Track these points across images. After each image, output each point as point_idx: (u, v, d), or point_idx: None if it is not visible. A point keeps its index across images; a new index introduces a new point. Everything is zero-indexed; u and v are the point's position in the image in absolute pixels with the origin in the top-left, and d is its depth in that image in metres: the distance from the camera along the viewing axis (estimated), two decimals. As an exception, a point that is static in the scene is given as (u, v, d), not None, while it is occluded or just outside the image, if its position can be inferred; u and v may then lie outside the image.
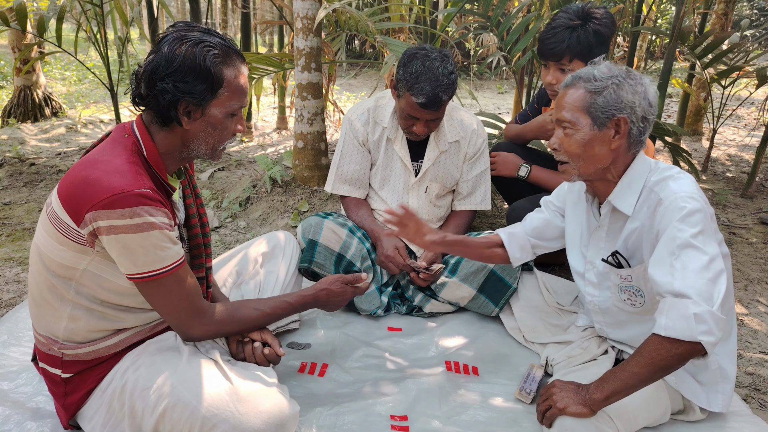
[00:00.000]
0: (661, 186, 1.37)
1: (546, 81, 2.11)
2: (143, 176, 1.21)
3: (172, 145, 1.29)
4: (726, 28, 4.88)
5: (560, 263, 2.59)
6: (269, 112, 6.79)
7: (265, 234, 1.93)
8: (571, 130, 1.39)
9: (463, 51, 10.73)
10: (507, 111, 7.42)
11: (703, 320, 1.18)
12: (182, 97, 1.21)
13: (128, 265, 1.20)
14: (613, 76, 1.36)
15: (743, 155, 4.95)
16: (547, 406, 1.38)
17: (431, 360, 1.86)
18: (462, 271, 2.03)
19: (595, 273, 1.58)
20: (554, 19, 2.04)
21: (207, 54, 1.20)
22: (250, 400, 1.20)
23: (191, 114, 1.25)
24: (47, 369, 1.32)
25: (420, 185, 2.16)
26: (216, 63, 1.22)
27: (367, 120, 2.14)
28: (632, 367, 1.25)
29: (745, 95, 6.35)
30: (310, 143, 3.14)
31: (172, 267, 1.24)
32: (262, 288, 1.76)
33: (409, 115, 1.94)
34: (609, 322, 1.63)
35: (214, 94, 1.24)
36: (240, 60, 1.28)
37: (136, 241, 1.17)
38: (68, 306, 1.26)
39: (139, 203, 1.15)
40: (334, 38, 3.91)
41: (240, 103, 1.29)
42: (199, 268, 1.43)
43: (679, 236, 1.26)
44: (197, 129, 1.28)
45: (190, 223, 1.42)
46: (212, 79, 1.22)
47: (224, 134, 1.32)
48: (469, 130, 2.15)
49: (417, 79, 1.84)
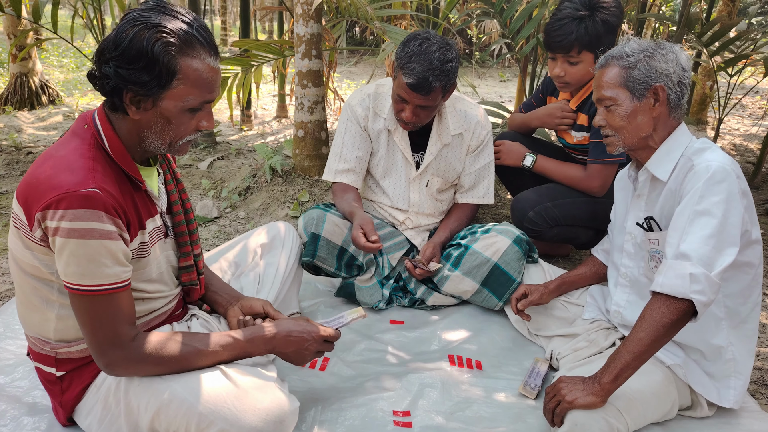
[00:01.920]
0: (698, 154, 1.41)
1: (554, 73, 2.06)
2: (97, 173, 1.10)
3: (129, 136, 1.18)
4: (733, 16, 4.81)
5: (564, 255, 2.56)
6: (269, 100, 6.73)
7: (263, 225, 1.88)
8: (613, 106, 1.47)
9: (466, 38, 10.63)
10: (510, 99, 7.35)
11: (697, 280, 1.23)
12: (125, 85, 1.09)
13: (60, 269, 1.10)
14: (644, 49, 1.43)
15: (749, 145, 4.90)
16: (555, 403, 1.36)
17: (434, 354, 1.83)
18: (465, 264, 1.99)
19: (633, 243, 1.60)
20: (560, 10, 1.99)
21: (157, 41, 1.07)
22: (247, 396, 1.17)
23: (140, 103, 1.13)
24: (42, 368, 1.30)
25: (421, 179, 2.11)
26: (167, 52, 1.08)
27: (368, 105, 2.07)
28: (636, 333, 1.27)
29: (749, 84, 6.29)
30: (311, 132, 3.10)
31: (106, 290, 1.11)
32: (261, 280, 1.72)
33: (399, 96, 1.86)
34: (632, 300, 1.62)
35: (164, 86, 1.11)
36: (206, 51, 1.14)
37: (71, 247, 1.07)
38: (54, 307, 1.21)
39: (83, 205, 1.05)
40: (335, 25, 3.84)
41: (201, 98, 1.16)
42: (186, 256, 1.38)
43: (699, 202, 1.30)
44: (149, 120, 1.16)
45: (172, 210, 1.35)
46: (161, 69, 1.08)
47: (181, 130, 1.19)
48: (473, 121, 2.08)
49: (410, 59, 1.78)
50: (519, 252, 1.94)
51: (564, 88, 2.10)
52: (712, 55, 3.49)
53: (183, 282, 1.41)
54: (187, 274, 1.40)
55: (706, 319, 1.44)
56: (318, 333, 1.35)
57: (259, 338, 1.28)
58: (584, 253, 2.58)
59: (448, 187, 2.17)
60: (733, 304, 1.45)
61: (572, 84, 2.06)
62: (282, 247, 1.82)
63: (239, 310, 1.45)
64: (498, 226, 2.04)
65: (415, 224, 2.15)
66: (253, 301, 1.46)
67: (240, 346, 1.26)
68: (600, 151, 2.05)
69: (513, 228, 2.01)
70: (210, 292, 1.52)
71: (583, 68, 2.01)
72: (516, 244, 1.95)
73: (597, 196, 2.12)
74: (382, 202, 2.16)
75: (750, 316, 1.48)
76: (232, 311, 1.45)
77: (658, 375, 1.44)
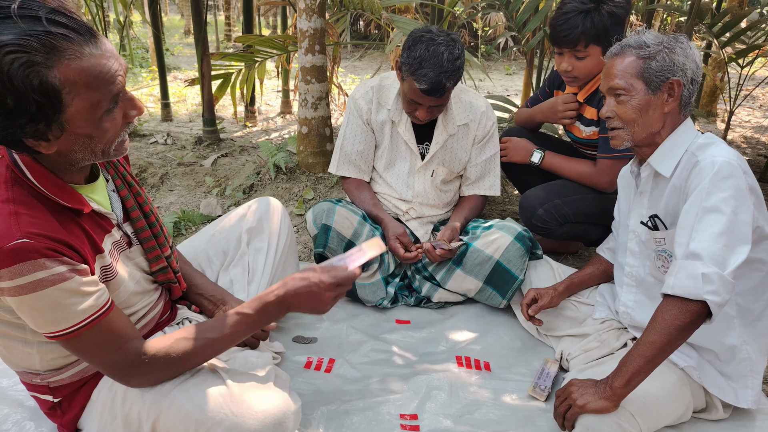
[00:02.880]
0: (702, 150, 1.38)
1: (561, 68, 2.02)
2: (21, 217, 0.96)
3: (56, 165, 1.04)
4: (744, 5, 4.72)
5: (573, 252, 2.52)
6: (273, 95, 6.69)
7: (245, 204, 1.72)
8: (626, 96, 1.42)
9: (471, 31, 10.54)
10: (516, 92, 7.28)
11: (710, 280, 1.19)
12: (14, 135, 0.91)
13: (33, 325, 1.02)
14: (663, 41, 1.39)
15: (760, 137, 4.82)
16: (566, 407, 1.32)
17: (441, 355, 1.80)
18: (467, 263, 1.97)
19: (637, 241, 1.56)
20: (565, 3, 1.95)
21: (13, 64, 0.84)
22: (245, 401, 1.15)
23: (46, 136, 0.94)
24: (38, 397, 1.28)
25: (426, 169, 2.09)
26: (29, 74, 0.86)
27: (371, 98, 2.07)
28: (648, 336, 1.24)
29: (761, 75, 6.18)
30: (315, 128, 3.06)
31: (88, 322, 1.03)
32: (251, 269, 1.62)
33: (411, 99, 1.88)
34: (639, 300, 1.58)
35: (56, 110, 0.91)
36: (78, 42, 0.90)
37: (28, 303, 0.97)
38: (33, 344, 1.16)
39: (16, 260, 0.93)
40: (339, 19, 3.80)
41: (107, 95, 0.96)
42: (156, 260, 1.30)
43: (706, 198, 1.27)
44: (68, 145, 0.99)
45: (131, 216, 1.25)
46: (37, 97, 0.88)
47: (109, 135, 1.02)
48: (478, 112, 2.08)
49: (420, 65, 1.76)
50: (521, 249, 1.91)
51: (572, 82, 2.06)
52: (723, 46, 3.42)
53: (160, 281, 1.35)
54: (162, 275, 1.34)
55: (718, 318, 1.40)
56: (327, 281, 1.18)
57: (268, 305, 1.18)
58: (593, 251, 2.54)
59: (453, 179, 2.16)
60: (745, 302, 1.42)
61: (581, 78, 2.02)
62: (269, 231, 1.68)
63: None
64: (499, 223, 2.01)
65: (418, 214, 2.13)
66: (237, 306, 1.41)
67: (252, 319, 1.18)
68: (610, 146, 2.00)
69: (515, 224, 1.98)
70: (195, 294, 1.48)
71: (591, 62, 1.97)
72: (518, 241, 1.91)
73: (607, 192, 2.08)
74: (386, 193, 2.15)
75: (763, 313, 1.44)
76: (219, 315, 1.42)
77: (671, 377, 1.41)
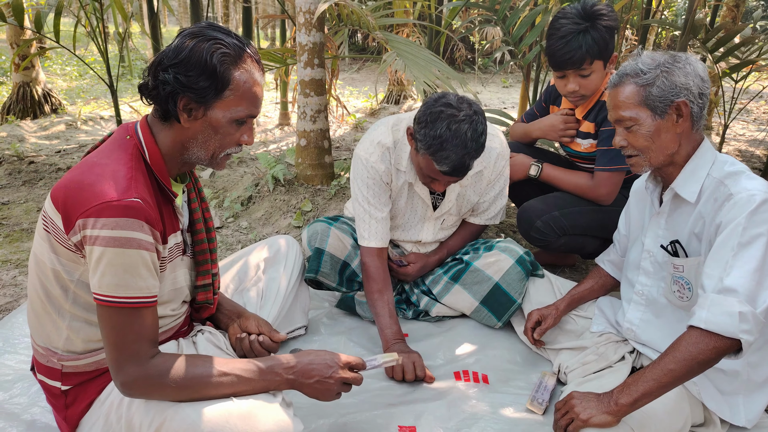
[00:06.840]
0: (734, 180, 1.35)
1: (568, 90, 2.00)
2: (139, 183, 1.14)
3: (173, 147, 1.23)
4: (737, 21, 4.79)
5: (570, 264, 2.53)
6: (271, 107, 6.72)
7: (265, 239, 1.87)
8: (635, 126, 1.40)
9: (468, 44, 10.63)
10: (512, 105, 7.33)
11: (746, 320, 1.20)
12: (182, 91, 1.15)
13: (94, 281, 1.11)
14: (660, 64, 1.37)
15: (754, 150, 4.86)
16: (568, 420, 1.32)
17: (439, 368, 1.80)
18: (466, 280, 1.96)
19: (651, 261, 1.56)
20: (557, 29, 1.92)
21: (215, 51, 1.14)
22: (250, 417, 1.15)
23: (192, 112, 1.18)
24: (46, 381, 1.29)
25: (438, 218, 2.02)
26: (224, 62, 1.15)
27: (389, 161, 1.88)
28: (667, 364, 1.23)
29: (755, 89, 6.25)
30: (313, 141, 3.08)
31: (136, 303, 1.12)
32: (264, 295, 1.71)
33: (428, 175, 1.73)
34: (646, 319, 1.58)
35: (217, 94, 1.17)
36: (256, 67, 1.22)
37: (109, 256, 1.08)
38: (66, 317, 1.22)
39: (125, 214, 1.08)
40: (337, 32, 3.84)
41: (248, 110, 1.21)
42: (204, 275, 1.38)
43: (742, 233, 1.26)
44: (197, 129, 1.20)
45: (194, 228, 1.36)
46: (217, 77, 1.15)
47: (226, 141, 1.23)
48: (493, 155, 1.92)
49: (442, 146, 1.59)
50: (521, 272, 1.90)
51: (580, 101, 2.07)
52: (717, 61, 3.46)
53: (198, 300, 1.40)
54: (203, 293, 1.40)
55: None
56: (340, 360, 1.29)
57: (278, 366, 1.24)
58: (590, 263, 2.54)
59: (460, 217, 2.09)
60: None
61: (588, 96, 2.03)
62: (284, 263, 1.81)
63: (238, 328, 1.46)
64: (501, 243, 1.98)
65: (419, 247, 2.09)
66: (249, 321, 1.46)
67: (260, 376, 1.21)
68: (608, 159, 2.02)
69: (516, 246, 1.95)
70: None
71: (596, 77, 1.98)
72: (519, 264, 1.89)
73: (604, 205, 2.09)
74: (393, 236, 2.05)
75: None
76: (232, 329, 1.46)
77: (671, 392, 1.40)
